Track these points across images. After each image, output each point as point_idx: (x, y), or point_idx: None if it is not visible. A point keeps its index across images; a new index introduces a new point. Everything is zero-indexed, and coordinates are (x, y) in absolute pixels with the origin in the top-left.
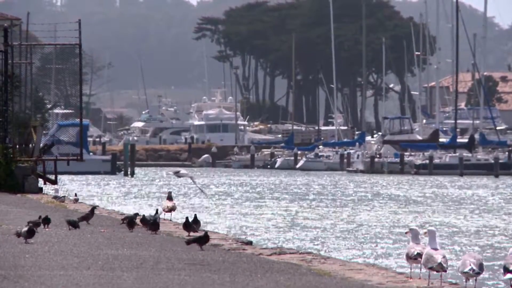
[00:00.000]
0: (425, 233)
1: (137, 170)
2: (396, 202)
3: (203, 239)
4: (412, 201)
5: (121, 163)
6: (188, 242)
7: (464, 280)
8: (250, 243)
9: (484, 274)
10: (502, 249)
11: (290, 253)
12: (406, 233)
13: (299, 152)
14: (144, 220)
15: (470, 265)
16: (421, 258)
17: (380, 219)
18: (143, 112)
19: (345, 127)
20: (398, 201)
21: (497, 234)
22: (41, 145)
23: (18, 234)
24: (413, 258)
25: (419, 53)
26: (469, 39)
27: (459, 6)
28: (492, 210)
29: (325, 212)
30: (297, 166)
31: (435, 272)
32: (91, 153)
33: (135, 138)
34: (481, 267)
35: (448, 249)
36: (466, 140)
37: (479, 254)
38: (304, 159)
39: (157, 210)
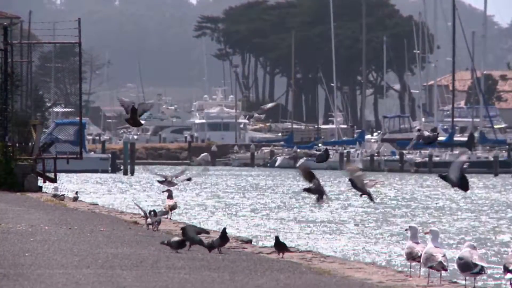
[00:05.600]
0: (426, 232)
1: (137, 168)
2: (396, 200)
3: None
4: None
5: (121, 161)
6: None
7: (464, 278)
8: (249, 241)
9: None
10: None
11: (290, 252)
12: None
13: (298, 150)
14: None
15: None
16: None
17: (380, 218)
18: None
19: (345, 126)
20: (398, 199)
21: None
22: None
23: (168, 243)
24: (417, 259)
25: (418, 51)
26: (466, 37)
27: (458, 4)
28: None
29: (326, 210)
30: (297, 164)
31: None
32: (92, 152)
33: (135, 136)
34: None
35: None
36: (466, 139)
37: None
38: (303, 157)
39: (155, 212)
